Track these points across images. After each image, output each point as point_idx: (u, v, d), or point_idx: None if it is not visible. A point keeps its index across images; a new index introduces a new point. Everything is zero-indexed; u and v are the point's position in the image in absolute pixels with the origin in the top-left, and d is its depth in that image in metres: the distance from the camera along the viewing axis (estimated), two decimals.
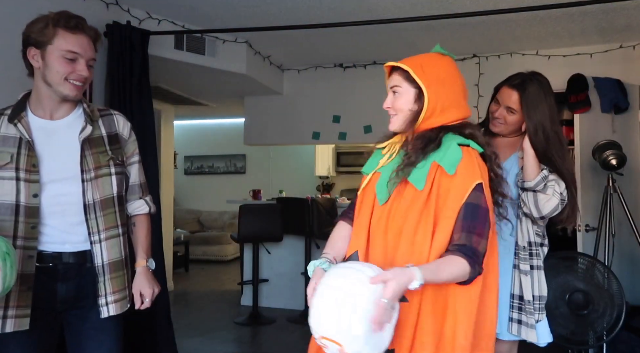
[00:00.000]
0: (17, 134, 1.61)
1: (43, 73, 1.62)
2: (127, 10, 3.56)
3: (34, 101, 1.67)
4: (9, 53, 2.75)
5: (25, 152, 1.60)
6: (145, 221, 1.87)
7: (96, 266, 1.68)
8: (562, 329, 2.82)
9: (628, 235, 3.67)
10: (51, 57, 1.60)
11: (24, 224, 1.59)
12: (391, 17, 3.68)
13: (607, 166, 3.52)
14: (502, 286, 1.95)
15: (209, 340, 4.15)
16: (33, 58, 1.62)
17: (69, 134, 1.67)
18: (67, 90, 1.63)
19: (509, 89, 1.99)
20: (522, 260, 1.93)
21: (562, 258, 2.85)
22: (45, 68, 1.61)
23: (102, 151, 1.70)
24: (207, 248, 8.00)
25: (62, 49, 1.60)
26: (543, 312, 1.94)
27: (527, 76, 2.00)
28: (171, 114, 6.26)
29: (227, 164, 9.02)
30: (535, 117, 1.91)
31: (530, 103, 1.92)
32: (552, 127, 1.92)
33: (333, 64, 5.32)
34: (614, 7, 3.50)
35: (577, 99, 4.10)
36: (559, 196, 1.87)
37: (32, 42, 1.61)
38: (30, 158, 1.60)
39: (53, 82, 1.62)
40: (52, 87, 1.62)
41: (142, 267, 1.81)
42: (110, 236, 1.70)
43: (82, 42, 1.63)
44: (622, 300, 2.90)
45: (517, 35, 4.25)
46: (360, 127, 5.29)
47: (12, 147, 1.60)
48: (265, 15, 3.77)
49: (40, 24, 1.60)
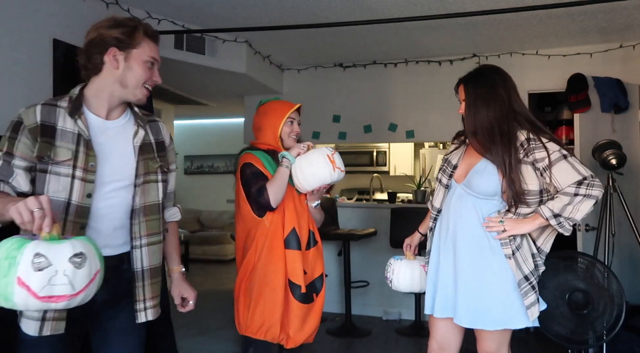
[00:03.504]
0: (74, 129, 1.56)
1: (122, 74, 1.61)
2: (127, 10, 3.56)
3: (91, 98, 1.63)
4: (8, 52, 2.75)
5: (83, 150, 1.55)
6: (176, 228, 1.93)
7: (135, 270, 1.68)
8: (562, 329, 2.82)
9: (628, 235, 3.67)
10: (135, 61, 1.61)
11: (73, 224, 1.54)
12: (391, 16, 3.69)
13: (607, 165, 3.52)
14: (502, 272, 1.98)
15: (209, 339, 4.15)
16: (114, 58, 1.60)
17: (122, 136, 1.67)
18: (141, 94, 1.65)
19: (460, 84, 2.13)
20: (505, 245, 1.98)
21: (562, 258, 2.85)
22: (126, 70, 1.61)
23: (151, 158, 1.70)
24: (207, 247, 8.00)
25: (146, 55, 1.63)
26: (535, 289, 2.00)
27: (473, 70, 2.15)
28: (171, 114, 6.26)
29: (227, 164, 9.02)
30: (475, 100, 2.03)
31: (470, 88, 2.05)
32: (492, 108, 2.00)
33: (333, 64, 5.32)
34: (614, 7, 3.51)
35: (577, 98, 4.10)
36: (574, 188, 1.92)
37: (114, 43, 1.59)
38: (88, 156, 1.55)
39: (131, 85, 1.62)
40: (128, 89, 1.63)
41: (180, 272, 1.90)
42: (152, 242, 1.71)
43: (158, 50, 1.69)
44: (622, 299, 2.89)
45: (517, 34, 4.25)
46: (360, 127, 5.29)
47: (71, 143, 1.54)
48: (265, 15, 3.78)
49: (125, 28, 1.60)
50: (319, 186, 2.19)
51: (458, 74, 2.18)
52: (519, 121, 2.01)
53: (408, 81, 5.11)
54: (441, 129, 4.90)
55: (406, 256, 2.38)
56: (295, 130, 2.29)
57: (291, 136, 2.29)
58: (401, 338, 4.27)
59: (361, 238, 4.42)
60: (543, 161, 1.93)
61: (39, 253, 1.21)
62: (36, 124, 1.52)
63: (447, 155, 2.22)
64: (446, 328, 2.13)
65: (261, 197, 2.12)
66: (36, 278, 1.19)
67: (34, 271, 1.19)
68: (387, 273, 2.36)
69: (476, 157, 2.06)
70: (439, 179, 2.20)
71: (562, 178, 1.92)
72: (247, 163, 2.20)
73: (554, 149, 1.94)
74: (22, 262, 1.19)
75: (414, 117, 5.12)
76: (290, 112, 2.26)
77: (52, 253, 1.22)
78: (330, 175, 2.16)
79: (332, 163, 2.16)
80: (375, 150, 7.38)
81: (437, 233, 2.16)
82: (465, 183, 2.06)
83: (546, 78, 4.61)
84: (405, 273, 2.28)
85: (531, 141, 1.96)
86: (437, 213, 2.19)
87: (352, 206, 5.21)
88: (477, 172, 2.03)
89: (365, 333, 4.34)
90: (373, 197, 6.18)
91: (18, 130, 1.52)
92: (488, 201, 2.01)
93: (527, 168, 1.95)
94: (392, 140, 5.85)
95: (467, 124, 2.06)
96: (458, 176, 2.11)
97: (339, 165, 2.19)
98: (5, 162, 1.50)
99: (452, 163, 2.15)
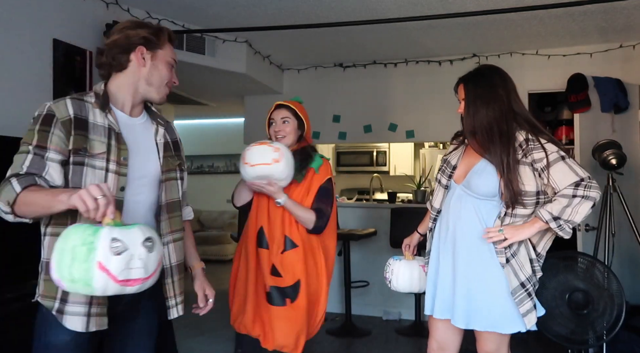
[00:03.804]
0: (105, 123, 1.57)
1: (149, 73, 1.65)
2: (127, 10, 3.56)
3: (114, 94, 1.65)
4: (8, 52, 2.75)
5: (115, 144, 1.56)
6: (190, 226, 1.96)
7: (164, 267, 1.69)
8: (562, 329, 2.82)
9: (628, 235, 3.67)
10: (161, 61, 1.67)
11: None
12: (391, 16, 3.69)
13: (607, 165, 3.52)
14: (497, 279, 1.98)
15: (209, 339, 4.15)
16: (141, 57, 1.63)
17: (146, 133, 1.70)
18: (163, 93, 1.71)
19: (460, 84, 2.13)
20: (500, 254, 1.97)
21: (561, 258, 2.85)
22: (152, 69, 1.66)
23: (171, 156, 1.75)
24: (207, 247, 8.00)
25: (170, 56, 1.69)
26: (532, 296, 1.98)
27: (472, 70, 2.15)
28: (171, 114, 6.26)
29: (227, 163, 9.02)
30: (475, 100, 2.03)
31: (470, 88, 2.05)
32: (491, 107, 2.00)
33: (333, 64, 5.32)
34: (614, 7, 3.50)
35: (577, 98, 4.10)
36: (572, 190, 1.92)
37: (142, 42, 1.63)
38: (120, 150, 1.56)
39: (156, 83, 1.67)
40: (152, 87, 1.67)
41: (201, 269, 1.95)
42: (176, 239, 1.74)
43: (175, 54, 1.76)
44: (622, 299, 2.89)
45: (517, 34, 4.25)
46: (360, 127, 5.29)
47: (103, 137, 1.55)
48: (265, 15, 3.78)
49: (151, 29, 1.66)
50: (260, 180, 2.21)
51: (458, 74, 2.18)
52: (518, 122, 2.00)
53: (408, 81, 5.11)
54: (441, 129, 4.90)
55: (405, 256, 2.38)
56: (275, 130, 2.34)
57: (277, 136, 2.34)
58: (401, 338, 4.27)
59: (361, 238, 4.42)
60: (541, 162, 1.93)
61: (115, 238, 1.22)
62: (69, 117, 1.51)
63: (447, 156, 2.22)
64: (445, 329, 2.13)
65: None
66: (115, 262, 1.21)
67: (113, 255, 1.21)
68: (386, 273, 2.35)
69: (475, 157, 2.06)
70: (438, 180, 2.20)
71: (560, 179, 1.92)
72: None
73: (552, 150, 1.94)
74: (101, 247, 1.20)
75: (414, 117, 5.11)
76: (269, 115, 2.36)
77: (127, 237, 1.25)
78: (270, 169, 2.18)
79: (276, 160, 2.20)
80: (375, 150, 7.38)
81: (436, 233, 2.16)
82: (464, 184, 2.06)
83: (546, 78, 4.61)
84: (404, 274, 2.28)
85: (530, 142, 1.96)
86: (436, 213, 2.19)
87: (352, 206, 5.21)
88: (476, 173, 2.03)
89: (365, 333, 4.34)
90: (373, 197, 6.18)
91: (50, 123, 1.49)
92: (487, 201, 2.01)
93: (525, 169, 1.95)
94: (392, 140, 5.85)
95: (466, 123, 2.06)
96: (457, 177, 2.11)
97: (248, 160, 2.20)
98: (37, 156, 1.46)
99: (452, 163, 2.15)
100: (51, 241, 1.48)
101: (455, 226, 2.05)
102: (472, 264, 2.00)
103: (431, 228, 2.20)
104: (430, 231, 2.21)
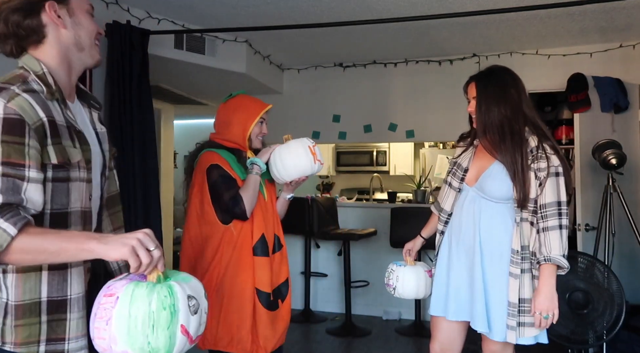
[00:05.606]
0: (62, 120, 1.22)
1: (76, 35, 1.27)
2: (127, 10, 3.56)
3: (53, 75, 1.24)
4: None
5: (79, 145, 1.24)
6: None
7: (114, 270, 1.48)
8: (562, 328, 2.83)
9: (628, 234, 3.67)
10: (80, 12, 1.29)
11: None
12: (391, 16, 3.68)
13: (607, 165, 3.52)
14: (497, 289, 1.96)
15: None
16: (56, 15, 1.23)
17: (85, 121, 1.35)
18: (95, 53, 1.33)
19: (471, 82, 2.12)
20: (514, 264, 1.94)
21: None
22: (75, 27, 1.27)
23: (108, 141, 1.45)
24: None
25: (85, 2, 1.32)
26: (528, 314, 1.94)
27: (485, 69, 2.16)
28: (171, 114, 6.25)
29: None
30: (487, 98, 2.02)
31: (482, 86, 2.05)
32: (503, 108, 2.00)
33: (333, 64, 5.32)
34: (614, 7, 3.50)
35: (577, 98, 4.10)
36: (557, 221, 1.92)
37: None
38: (85, 152, 1.25)
39: (86, 44, 1.30)
40: (85, 52, 1.30)
41: None
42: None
43: None
44: (622, 299, 2.90)
45: (517, 34, 4.25)
46: (360, 126, 5.29)
47: (70, 139, 1.21)
48: (265, 15, 3.78)
49: None
50: (298, 178, 2.13)
51: (458, 74, 2.19)
52: (529, 125, 2.00)
53: (408, 81, 5.11)
54: (441, 129, 4.90)
55: (406, 261, 2.32)
56: (264, 131, 2.19)
57: (259, 137, 2.18)
58: (401, 338, 4.27)
59: (361, 237, 4.42)
60: (544, 172, 1.93)
61: (190, 296, 1.09)
62: (40, 121, 1.14)
63: (456, 158, 2.19)
64: (451, 330, 2.12)
65: (237, 207, 2.00)
66: (194, 321, 1.09)
67: (191, 315, 1.08)
68: (388, 280, 2.28)
69: (487, 160, 2.05)
70: (448, 183, 2.17)
71: (546, 193, 1.93)
72: (214, 164, 2.06)
73: (554, 164, 1.95)
74: (182, 308, 1.07)
75: (414, 117, 5.11)
76: (263, 113, 2.14)
77: (195, 291, 1.11)
78: (311, 166, 2.10)
79: (313, 154, 2.10)
80: (375, 150, 7.38)
81: (447, 236, 2.14)
82: (477, 186, 2.04)
83: (546, 78, 4.61)
84: (410, 280, 2.22)
85: (539, 150, 1.95)
86: (447, 216, 2.15)
87: (352, 205, 5.21)
88: (488, 176, 2.02)
89: (365, 333, 4.34)
90: (373, 197, 6.18)
91: (23, 132, 1.10)
92: (502, 204, 1.99)
93: (531, 175, 1.95)
94: (392, 140, 5.85)
95: (478, 122, 2.05)
96: (469, 180, 2.09)
97: (320, 157, 2.12)
98: (10, 179, 1.08)
99: (463, 166, 2.13)
100: (19, 280, 1.17)
101: (469, 229, 2.04)
102: (490, 269, 1.99)
103: (442, 232, 2.17)
104: (442, 234, 2.18)
